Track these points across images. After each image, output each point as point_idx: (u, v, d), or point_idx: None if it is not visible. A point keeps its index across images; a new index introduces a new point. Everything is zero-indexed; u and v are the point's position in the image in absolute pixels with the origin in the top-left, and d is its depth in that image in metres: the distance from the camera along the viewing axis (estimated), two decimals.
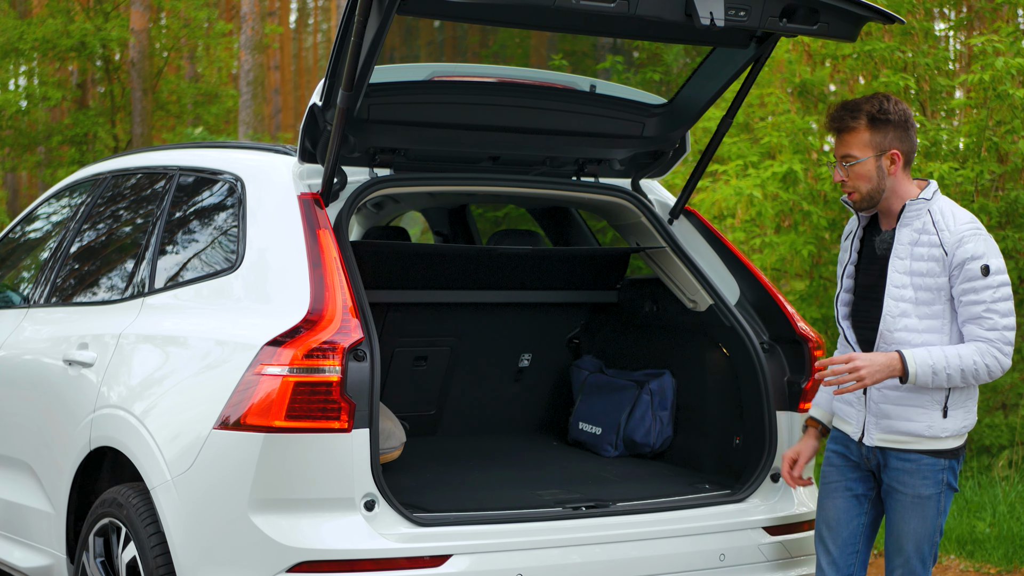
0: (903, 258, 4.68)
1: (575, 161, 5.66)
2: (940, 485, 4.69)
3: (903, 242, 4.68)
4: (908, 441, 4.68)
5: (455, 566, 4.60)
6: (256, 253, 5.01)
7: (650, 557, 4.96)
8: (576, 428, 6.31)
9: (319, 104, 4.89)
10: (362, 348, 4.56)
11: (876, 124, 4.66)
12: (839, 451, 4.88)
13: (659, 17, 4.57)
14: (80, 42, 21.08)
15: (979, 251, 4.60)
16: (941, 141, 10.44)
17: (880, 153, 4.67)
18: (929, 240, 4.64)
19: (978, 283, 4.57)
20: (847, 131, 4.68)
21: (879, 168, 4.67)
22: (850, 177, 4.69)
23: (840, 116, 4.70)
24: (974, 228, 4.63)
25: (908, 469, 4.69)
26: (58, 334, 5.92)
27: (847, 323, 4.86)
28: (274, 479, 4.51)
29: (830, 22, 4.85)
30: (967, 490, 9.57)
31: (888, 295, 4.68)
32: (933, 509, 4.70)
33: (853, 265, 4.87)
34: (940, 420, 4.65)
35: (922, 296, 4.65)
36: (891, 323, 4.67)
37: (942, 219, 4.65)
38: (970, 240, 4.60)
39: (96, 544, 5.21)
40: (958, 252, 4.59)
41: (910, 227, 4.68)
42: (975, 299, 4.58)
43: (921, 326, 4.64)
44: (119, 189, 6.34)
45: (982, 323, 4.58)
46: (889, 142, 4.67)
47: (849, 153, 4.68)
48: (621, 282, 6.44)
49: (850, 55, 11.21)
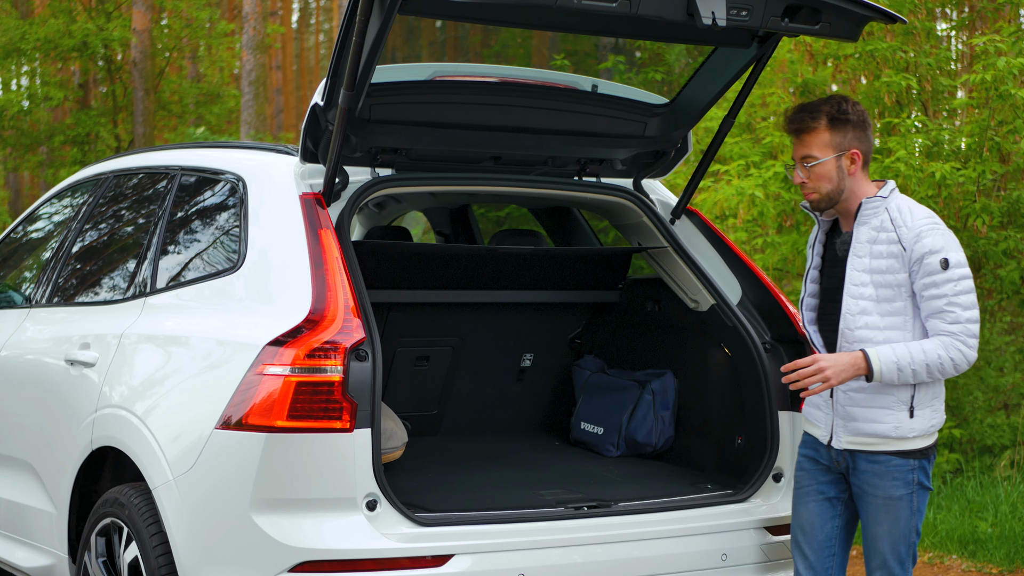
0: (862, 256, 4.70)
1: (577, 161, 5.65)
2: (911, 486, 4.70)
3: (861, 240, 4.71)
4: (876, 443, 4.69)
5: (457, 566, 4.60)
6: (258, 253, 5.00)
7: (652, 557, 4.96)
8: (578, 428, 6.30)
9: (321, 104, 4.88)
10: (364, 348, 4.55)
11: (836, 124, 4.71)
12: (809, 455, 4.90)
13: (661, 17, 4.57)
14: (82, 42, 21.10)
15: (937, 245, 4.62)
16: (943, 141, 10.43)
17: (840, 153, 4.72)
18: (887, 237, 4.67)
19: (938, 277, 4.59)
20: (807, 132, 4.73)
21: (839, 168, 4.72)
22: (811, 178, 4.73)
23: (800, 117, 4.75)
24: (932, 223, 4.66)
25: (877, 471, 4.69)
26: (60, 334, 5.92)
27: (813, 328, 4.88)
28: (276, 479, 4.50)
29: (832, 22, 4.84)
30: (969, 490, 9.57)
31: (847, 293, 4.70)
32: (906, 510, 4.70)
33: (816, 270, 4.90)
34: (907, 420, 4.67)
35: (883, 293, 4.67)
36: (851, 321, 4.69)
37: (899, 216, 4.68)
38: (928, 235, 4.63)
39: (98, 544, 5.21)
40: (916, 247, 4.61)
41: (868, 225, 4.71)
42: (936, 293, 4.59)
43: (883, 323, 4.66)
44: (121, 189, 6.34)
45: (944, 317, 4.59)
46: (849, 142, 4.72)
47: (810, 154, 4.72)
48: (623, 282, 6.44)
49: (852, 55, 11.20)
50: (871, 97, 11.59)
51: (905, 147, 10.14)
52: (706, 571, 5.06)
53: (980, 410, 11.37)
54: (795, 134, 4.77)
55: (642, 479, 5.61)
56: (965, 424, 11.04)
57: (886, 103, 11.16)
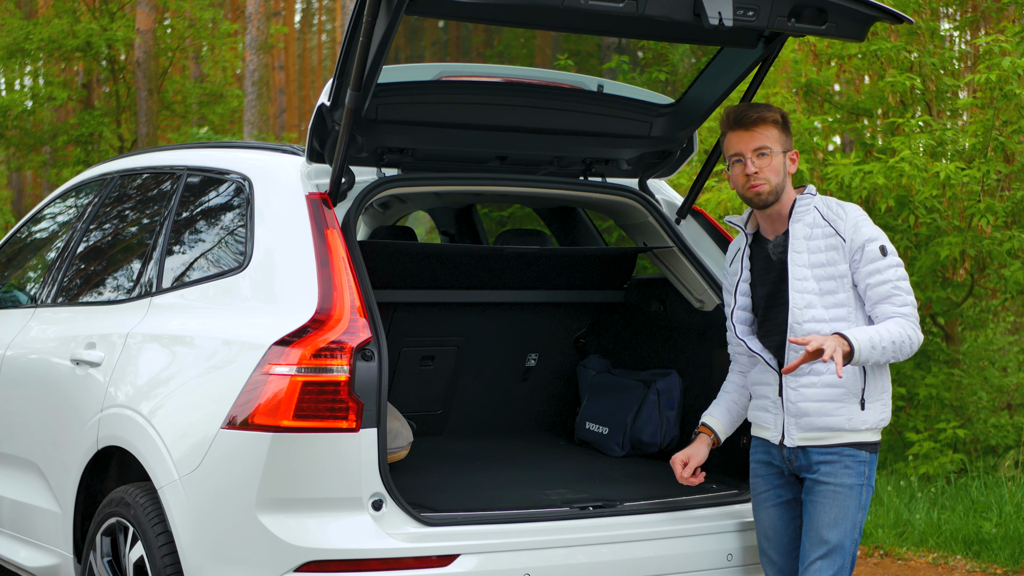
0: (801, 252, 4.80)
1: (582, 161, 5.65)
2: (862, 477, 4.76)
3: (798, 237, 4.82)
4: (829, 436, 4.76)
5: (462, 566, 4.60)
6: (264, 253, 5.00)
7: (657, 557, 4.96)
8: (583, 428, 6.30)
9: (327, 104, 4.88)
10: (370, 348, 4.55)
11: (784, 125, 4.87)
12: (762, 459, 4.95)
13: (667, 17, 4.57)
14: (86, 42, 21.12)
15: (874, 234, 4.77)
16: (947, 141, 10.43)
17: (786, 151, 4.86)
18: (823, 232, 4.79)
19: (880, 263, 4.73)
20: (762, 123, 4.84)
21: (784, 164, 4.85)
22: (763, 169, 4.82)
23: (758, 109, 4.87)
24: (863, 215, 4.83)
25: (831, 461, 4.75)
26: (65, 334, 5.92)
27: (750, 337, 4.96)
28: (282, 479, 4.50)
29: (838, 22, 4.85)
30: (973, 490, 9.57)
31: (792, 288, 4.79)
32: (854, 501, 4.74)
33: (747, 282, 4.98)
34: (859, 412, 4.74)
35: (825, 286, 4.77)
36: (799, 315, 4.77)
37: (830, 211, 4.81)
38: (863, 225, 4.77)
39: (103, 544, 5.21)
40: (856, 236, 4.74)
41: (802, 222, 4.83)
42: (881, 279, 4.72)
43: (828, 315, 4.75)
44: (126, 189, 6.35)
45: (894, 300, 4.72)
46: (789, 143, 4.89)
47: (765, 145, 4.82)
48: (628, 282, 6.43)
49: (856, 55, 11.21)
50: (875, 97, 11.60)
51: (909, 147, 10.14)
52: (711, 571, 5.06)
53: (984, 410, 11.37)
54: (752, 125, 4.83)
55: (647, 479, 5.61)
56: (969, 424, 11.05)
57: (890, 103, 11.17)
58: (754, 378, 4.99)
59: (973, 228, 10.18)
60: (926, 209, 10.32)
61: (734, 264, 5.05)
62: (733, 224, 4.98)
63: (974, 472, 10.25)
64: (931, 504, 9.42)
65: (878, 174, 9.97)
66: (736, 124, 4.85)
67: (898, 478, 10.32)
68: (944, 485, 9.93)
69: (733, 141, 4.86)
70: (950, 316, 11.79)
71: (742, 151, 4.83)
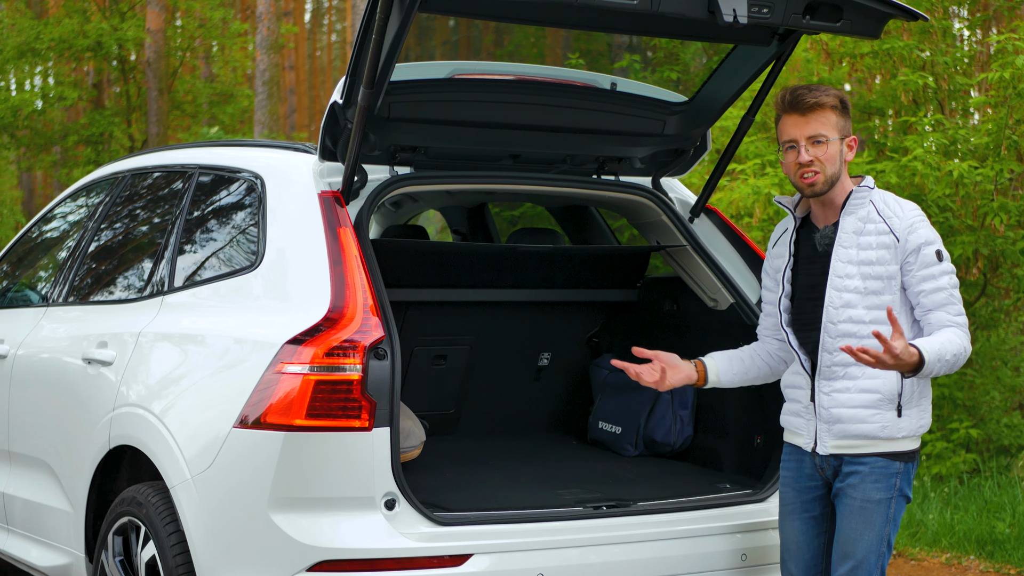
0: (848, 247, 4.58)
1: (595, 159, 5.63)
2: (891, 490, 4.56)
3: (848, 231, 4.60)
4: (863, 444, 4.56)
5: (476, 565, 4.58)
6: (276, 251, 4.99)
7: (671, 557, 4.94)
8: (596, 427, 6.29)
9: (340, 102, 4.86)
10: (383, 346, 4.54)
11: (842, 110, 4.62)
12: (792, 467, 4.77)
13: (682, 14, 4.54)
14: (96, 42, 21.14)
15: (931, 237, 4.55)
16: (960, 140, 10.40)
17: (844, 137, 4.62)
18: (876, 228, 4.56)
19: (935, 269, 4.51)
20: (819, 109, 4.58)
21: (841, 152, 4.62)
22: (818, 158, 4.58)
23: (814, 94, 4.59)
24: (921, 215, 4.59)
25: (861, 472, 4.56)
26: (77, 333, 5.91)
27: (788, 329, 4.74)
28: (294, 478, 4.49)
29: (853, 19, 4.81)
30: (986, 490, 9.54)
31: (831, 285, 4.58)
32: (882, 515, 4.55)
33: (791, 269, 4.76)
34: (895, 420, 4.54)
35: (871, 285, 4.55)
36: (834, 315, 4.57)
37: (886, 207, 4.58)
38: (920, 226, 4.54)
39: (115, 543, 5.20)
40: (911, 238, 4.52)
41: (854, 216, 4.60)
42: (936, 286, 4.50)
43: (868, 317, 4.54)
44: (138, 188, 6.34)
45: (949, 309, 4.50)
46: (849, 128, 4.65)
47: (821, 132, 4.58)
48: (641, 281, 6.42)
49: (868, 53, 11.18)
50: (887, 96, 11.57)
51: (922, 146, 10.12)
52: (725, 571, 5.03)
53: (997, 410, 11.34)
54: (807, 110, 4.58)
55: (660, 479, 5.59)
56: (982, 424, 11.02)
57: (903, 102, 11.14)
58: (786, 380, 4.83)
59: (986, 227, 10.15)
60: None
61: (778, 247, 4.83)
62: (782, 205, 4.78)
63: (987, 472, 10.23)
64: (944, 504, 9.39)
65: (891, 173, 9.95)
66: (791, 108, 4.60)
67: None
68: (957, 485, 9.91)
69: (788, 126, 4.61)
70: None
71: (796, 137, 4.58)
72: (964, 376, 11.32)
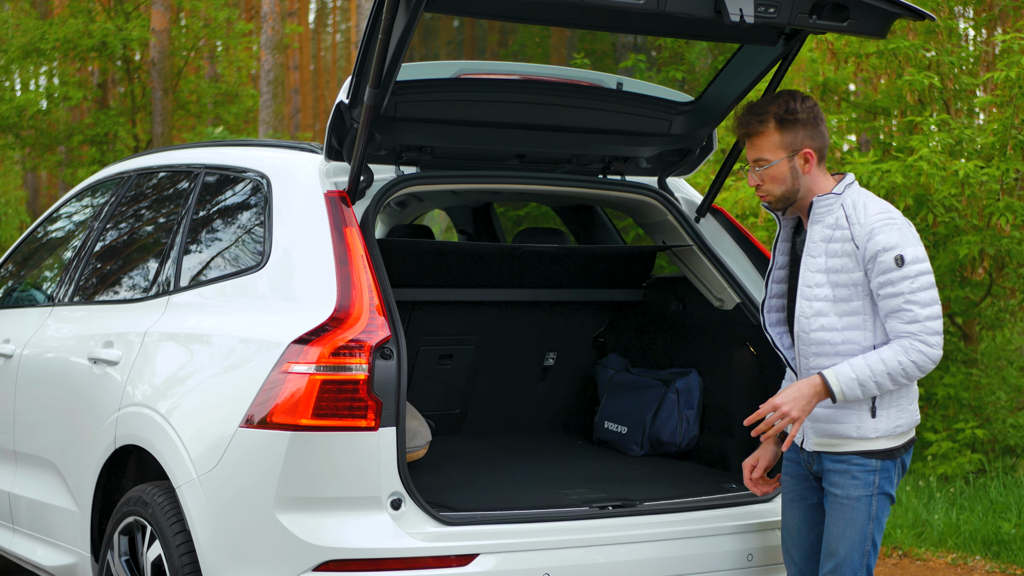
0: (816, 256, 4.60)
1: (601, 159, 5.63)
2: (870, 487, 4.58)
3: (815, 239, 4.61)
4: (839, 443, 4.61)
5: (482, 565, 4.58)
6: (282, 251, 4.99)
7: (677, 557, 4.93)
8: (602, 427, 6.28)
9: (346, 102, 4.86)
10: (389, 346, 4.53)
11: (785, 124, 4.60)
12: (792, 459, 4.85)
13: (688, 14, 4.54)
14: (101, 42, 21.14)
15: (891, 242, 4.48)
16: (965, 139, 10.39)
17: (792, 153, 4.61)
18: (842, 235, 4.55)
19: (893, 275, 4.45)
20: (756, 135, 4.62)
21: (793, 169, 4.61)
22: (764, 180, 4.63)
23: (747, 120, 4.63)
24: (885, 219, 4.53)
25: (839, 470, 4.61)
26: (83, 332, 5.91)
27: (781, 329, 4.80)
28: (300, 478, 4.49)
29: (860, 18, 4.80)
30: (992, 491, 9.53)
31: (800, 295, 4.62)
32: (862, 513, 4.58)
33: (782, 269, 4.81)
34: (869, 420, 4.56)
35: (840, 293, 4.55)
36: (805, 324, 4.60)
37: (854, 212, 4.56)
38: (880, 231, 4.49)
39: (121, 543, 5.20)
40: (869, 245, 4.49)
41: (822, 224, 4.60)
42: (892, 291, 4.46)
43: (840, 324, 4.56)
44: (143, 188, 6.34)
45: (902, 316, 4.46)
46: (800, 141, 4.61)
47: (761, 157, 4.61)
48: (647, 281, 6.41)
49: (874, 53, 11.17)
50: (893, 95, 11.56)
51: (928, 145, 10.10)
52: (732, 571, 5.03)
53: (1002, 410, 11.33)
54: (744, 137, 4.66)
55: (667, 479, 5.59)
56: (988, 424, 11.00)
57: (908, 101, 11.13)
58: (788, 376, 4.93)
59: (992, 227, 10.14)
60: (945, 208, 10.27)
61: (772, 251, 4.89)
62: (768, 210, 4.80)
63: (993, 472, 10.21)
64: (950, 504, 9.38)
65: (896, 173, 9.93)
66: (736, 133, 4.71)
67: (916, 478, 10.29)
68: (963, 485, 9.89)
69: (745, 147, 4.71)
70: (968, 316, 11.75)
71: (748, 159, 4.68)
72: (970, 376, 11.31)
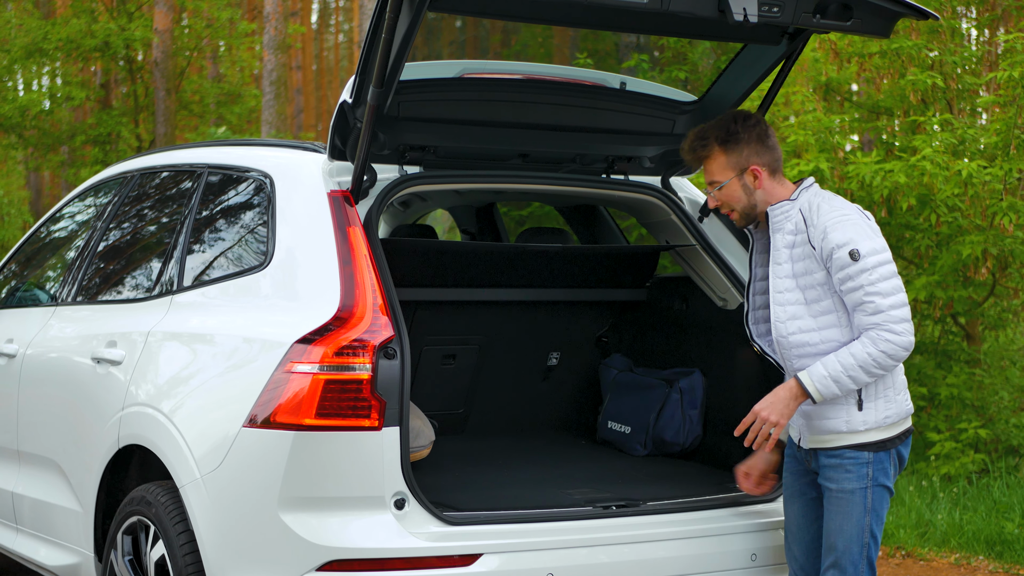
0: (782, 263, 4.71)
1: (605, 158, 5.63)
2: (864, 480, 4.65)
3: (779, 247, 4.72)
4: (831, 439, 4.69)
5: (485, 565, 4.58)
6: (285, 251, 4.99)
7: (680, 557, 4.93)
8: (605, 427, 6.28)
9: (349, 101, 4.86)
10: (392, 346, 4.53)
11: (728, 145, 4.76)
12: (792, 455, 4.92)
13: (691, 13, 4.54)
14: (104, 42, 21.13)
15: (844, 238, 4.56)
16: (968, 139, 10.38)
17: (741, 172, 4.75)
18: (802, 239, 4.67)
19: (851, 269, 4.53)
20: (704, 159, 4.81)
21: (744, 186, 4.76)
22: (720, 201, 4.80)
23: (693, 146, 4.82)
24: (838, 216, 4.62)
25: (833, 465, 4.69)
26: (86, 332, 5.91)
27: (766, 340, 4.90)
28: (304, 477, 4.49)
29: (864, 18, 4.81)
30: (995, 491, 9.52)
31: (773, 301, 4.72)
32: (859, 506, 4.64)
33: (762, 281, 4.90)
34: (857, 414, 4.64)
35: (810, 295, 4.66)
36: (782, 328, 4.70)
37: (809, 215, 4.68)
38: (833, 229, 4.58)
39: (124, 542, 5.20)
40: (824, 244, 4.59)
41: (782, 231, 4.72)
42: (853, 286, 4.55)
43: (816, 324, 4.65)
44: (146, 187, 6.34)
45: (865, 308, 4.53)
46: (746, 159, 4.75)
47: (712, 179, 4.80)
48: (650, 280, 6.41)
49: (877, 53, 11.17)
50: (896, 95, 11.55)
51: (931, 145, 10.10)
52: (735, 571, 5.03)
53: (1006, 410, 11.33)
54: (694, 164, 4.88)
55: (670, 478, 5.59)
56: (991, 424, 11.00)
57: (911, 101, 11.13)
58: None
59: (995, 227, 10.13)
60: (948, 208, 10.27)
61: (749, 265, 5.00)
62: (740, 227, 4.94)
63: (996, 472, 10.20)
64: (953, 504, 9.37)
65: (899, 173, 9.93)
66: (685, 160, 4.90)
67: (919, 478, 10.28)
68: (966, 485, 9.88)
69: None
70: (971, 315, 11.75)
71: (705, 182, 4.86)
72: (973, 376, 11.30)
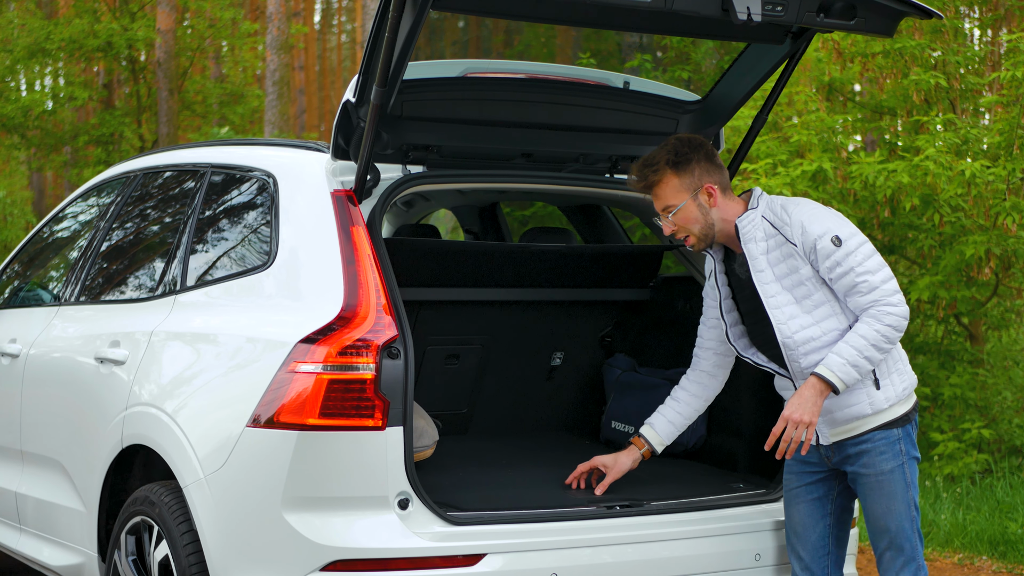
0: (762, 270, 4.75)
1: (608, 158, 5.63)
2: (899, 456, 4.72)
3: (755, 256, 4.76)
4: (857, 425, 4.73)
5: (489, 565, 4.57)
6: (289, 250, 4.98)
7: (685, 557, 4.93)
8: (609, 427, 6.27)
9: (352, 101, 4.85)
10: (396, 346, 4.53)
11: (679, 167, 4.80)
12: (796, 457, 4.91)
13: (695, 12, 4.53)
14: (106, 42, 21.15)
15: (823, 228, 4.67)
16: (971, 139, 10.38)
17: (695, 192, 4.79)
18: (777, 242, 4.74)
19: (838, 255, 4.64)
20: (655, 184, 4.82)
21: (700, 206, 4.80)
22: (677, 225, 4.82)
23: (643, 175, 4.84)
24: (807, 211, 4.74)
25: (865, 450, 4.73)
26: (89, 332, 5.91)
27: (750, 352, 4.95)
28: (308, 477, 4.48)
29: (867, 17, 4.80)
30: (998, 491, 9.52)
31: (769, 307, 4.75)
32: (900, 483, 4.72)
33: (728, 299, 4.97)
34: (877, 393, 4.71)
35: (799, 293, 4.72)
36: (786, 330, 4.74)
37: (777, 218, 4.75)
38: (810, 223, 4.69)
39: (128, 542, 5.19)
40: (804, 239, 4.68)
41: (754, 240, 4.77)
42: (843, 270, 4.64)
43: (813, 319, 4.71)
44: (149, 187, 6.33)
45: (860, 289, 4.63)
46: (699, 178, 4.81)
47: (666, 204, 4.82)
48: (654, 280, 6.40)
49: (880, 53, 11.16)
50: (899, 95, 11.55)
51: (934, 145, 10.10)
52: (739, 571, 5.03)
53: (1009, 410, 11.32)
54: (644, 191, 4.88)
55: (674, 478, 5.58)
56: (994, 424, 10.99)
57: (914, 101, 11.12)
58: (778, 383, 4.99)
59: (998, 227, 10.12)
60: (951, 208, 10.27)
61: (708, 289, 5.06)
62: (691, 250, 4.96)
63: (999, 472, 10.20)
64: (956, 504, 9.37)
65: (902, 173, 9.93)
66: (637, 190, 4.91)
67: (923, 478, 10.28)
68: (969, 485, 9.88)
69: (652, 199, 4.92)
70: (975, 315, 11.74)
71: (657, 210, 4.88)
72: (976, 376, 11.30)
